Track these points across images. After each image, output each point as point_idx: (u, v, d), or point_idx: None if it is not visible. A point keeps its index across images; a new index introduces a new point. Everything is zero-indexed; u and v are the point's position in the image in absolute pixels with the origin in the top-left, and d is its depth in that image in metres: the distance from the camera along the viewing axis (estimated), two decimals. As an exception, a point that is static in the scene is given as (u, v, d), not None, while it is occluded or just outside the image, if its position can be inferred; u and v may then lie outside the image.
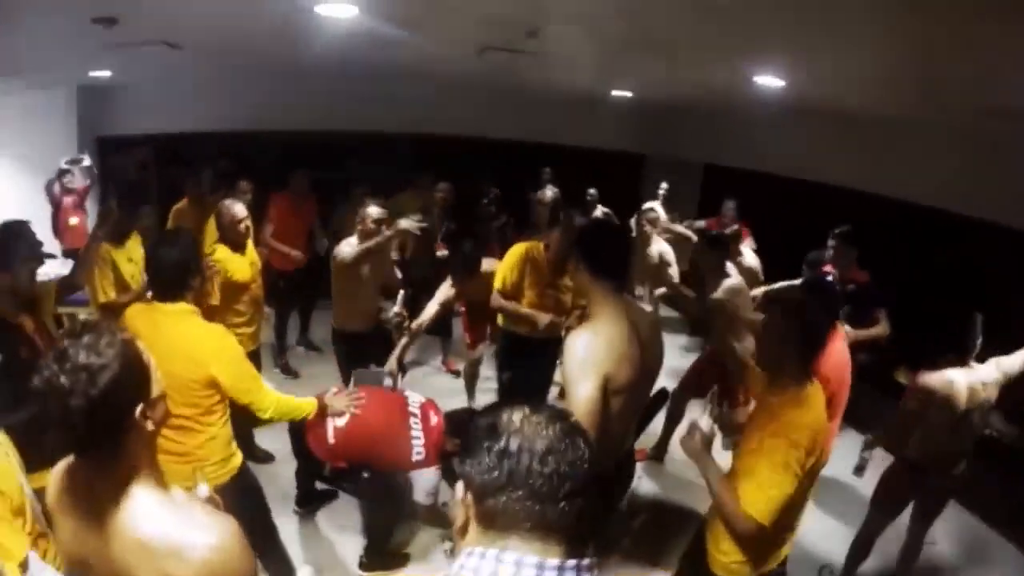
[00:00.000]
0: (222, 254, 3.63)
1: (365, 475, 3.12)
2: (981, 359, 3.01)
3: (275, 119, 6.72)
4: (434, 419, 3.09)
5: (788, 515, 2.08)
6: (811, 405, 2.08)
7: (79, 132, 6.16)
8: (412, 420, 3.06)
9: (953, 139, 4.54)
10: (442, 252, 5.38)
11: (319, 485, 3.70)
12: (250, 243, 3.86)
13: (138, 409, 1.22)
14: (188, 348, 2.37)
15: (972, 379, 2.93)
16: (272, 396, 2.60)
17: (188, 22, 3.16)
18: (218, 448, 2.51)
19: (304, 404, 2.75)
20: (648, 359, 2.19)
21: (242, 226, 3.70)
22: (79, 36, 3.33)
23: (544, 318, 3.78)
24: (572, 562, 0.90)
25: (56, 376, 1.14)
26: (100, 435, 1.19)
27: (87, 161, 5.80)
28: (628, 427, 2.36)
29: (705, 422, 2.20)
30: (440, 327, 5.53)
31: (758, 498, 1.98)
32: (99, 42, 3.40)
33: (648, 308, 4.46)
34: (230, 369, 2.44)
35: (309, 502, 3.73)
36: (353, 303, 4.06)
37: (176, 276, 2.42)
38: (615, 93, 6.34)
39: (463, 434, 1.01)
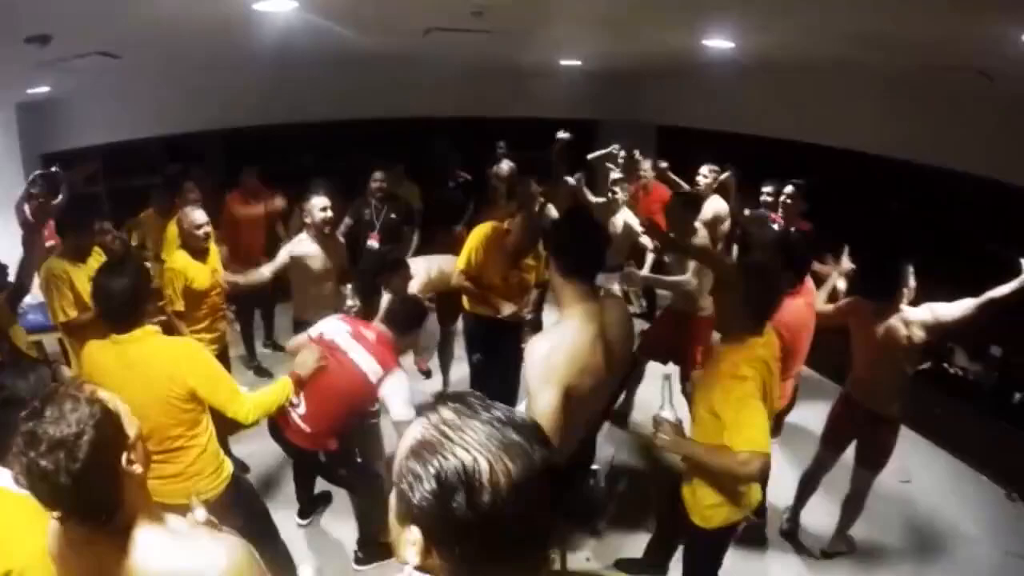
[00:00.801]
0: (182, 261, 3.63)
1: (359, 460, 3.15)
2: (918, 303, 3.11)
3: (222, 117, 6.61)
4: (370, 334, 2.98)
5: (758, 436, 2.11)
6: (752, 346, 2.22)
7: (22, 151, 5.96)
8: (350, 352, 2.92)
9: (898, 88, 4.63)
10: (372, 243, 5.19)
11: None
12: (213, 248, 3.83)
13: (123, 459, 1.23)
14: (162, 368, 2.34)
15: (895, 320, 3.06)
16: (249, 399, 2.57)
17: (124, 31, 3.09)
18: (209, 460, 2.51)
19: (279, 389, 2.72)
20: (614, 361, 2.15)
21: (201, 232, 3.68)
22: (13, 56, 3.25)
23: (507, 308, 3.81)
24: None
25: (35, 462, 1.13)
26: (95, 500, 1.20)
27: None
28: (588, 419, 2.38)
29: (667, 413, 2.28)
30: None
31: (746, 436, 2.06)
32: (34, 60, 3.32)
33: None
34: (206, 380, 2.42)
35: (312, 511, 3.74)
36: (312, 294, 4.06)
37: (129, 308, 2.35)
38: (564, 63, 6.31)
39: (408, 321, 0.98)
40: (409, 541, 0.83)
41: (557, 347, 1.97)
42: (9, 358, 2.99)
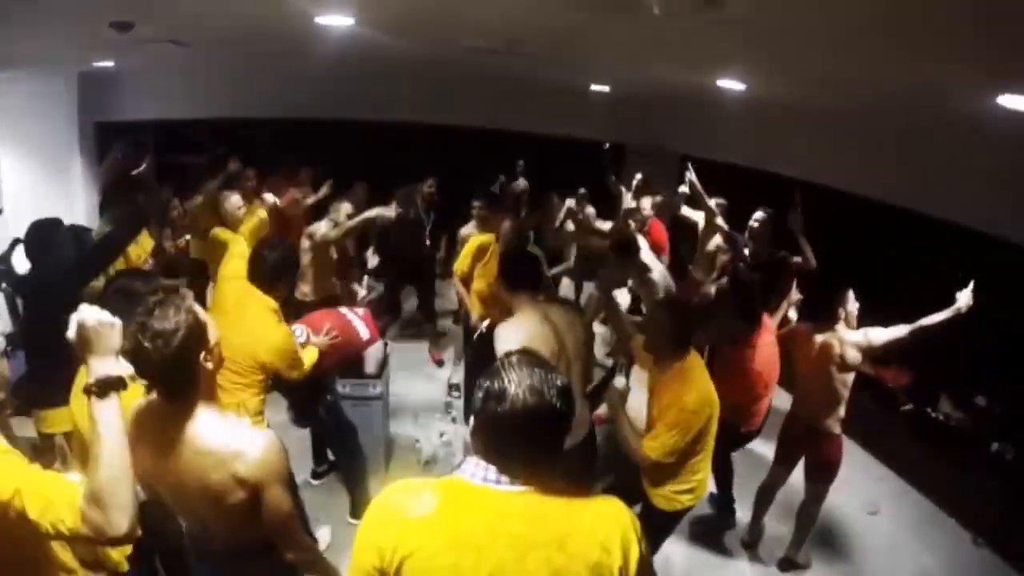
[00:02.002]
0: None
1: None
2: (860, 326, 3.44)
3: (270, 107, 6.96)
4: (360, 311, 3.77)
5: (686, 460, 2.72)
6: (692, 378, 2.69)
7: (79, 119, 6.31)
8: (350, 317, 3.64)
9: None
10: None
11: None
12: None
13: (201, 356, 1.64)
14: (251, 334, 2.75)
15: (829, 336, 3.39)
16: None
17: (197, 24, 3.38)
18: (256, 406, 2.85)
19: (310, 353, 3.15)
20: (567, 344, 2.84)
21: (240, 212, 4.10)
22: (92, 36, 3.55)
23: (473, 314, 4.42)
24: (506, 478, 1.29)
25: (141, 344, 1.53)
26: (177, 379, 1.62)
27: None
28: None
29: (620, 382, 2.98)
30: (425, 316, 5.90)
31: (653, 445, 2.66)
32: (109, 40, 3.61)
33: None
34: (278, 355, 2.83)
35: (324, 470, 4.11)
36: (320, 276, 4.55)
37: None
38: (593, 88, 6.58)
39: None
40: (471, 427, 1.35)
41: (518, 326, 2.76)
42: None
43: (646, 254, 4.45)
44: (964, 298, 3.18)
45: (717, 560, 3.84)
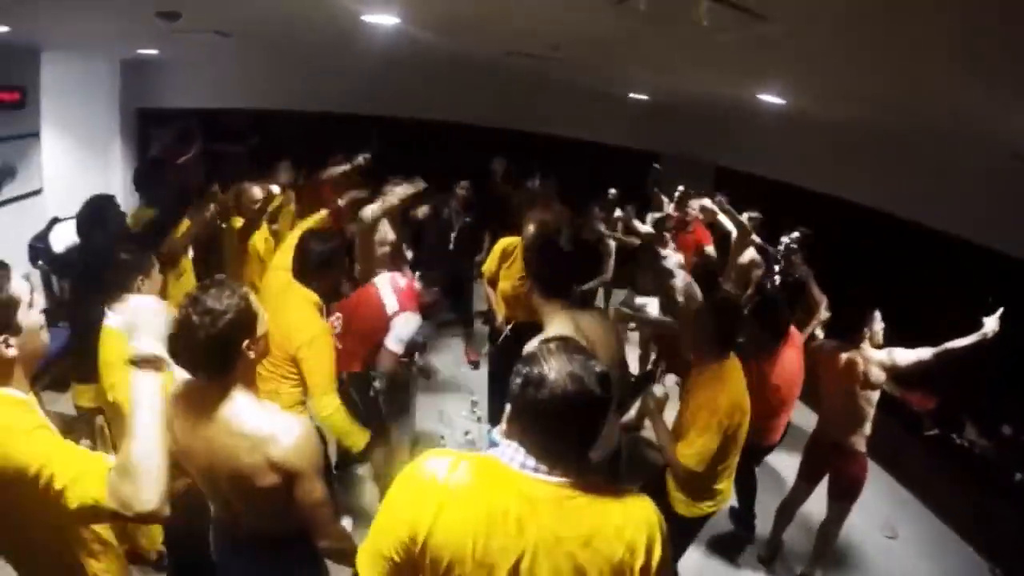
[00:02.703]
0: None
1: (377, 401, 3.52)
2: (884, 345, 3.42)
3: (316, 100, 7.08)
4: (402, 281, 3.49)
5: (713, 467, 2.68)
6: (728, 381, 2.66)
7: (121, 104, 6.45)
8: (382, 292, 3.41)
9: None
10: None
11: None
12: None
13: (245, 343, 1.66)
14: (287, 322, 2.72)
15: (854, 355, 3.38)
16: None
17: (244, 16, 3.44)
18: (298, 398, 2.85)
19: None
20: (601, 357, 2.40)
21: (257, 206, 4.17)
22: (138, 24, 3.63)
23: (498, 317, 4.38)
24: (545, 467, 1.30)
25: (189, 316, 1.57)
26: (215, 358, 1.64)
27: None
28: None
29: (659, 390, 2.82)
30: (463, 319, 5.92)
31: (688, 453, 2.61)
32: (155, 28, 3.68)
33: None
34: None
35: (346, 464, 4.04)
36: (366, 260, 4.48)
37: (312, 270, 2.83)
38: (632, 96, 6.57)
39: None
40: (505, 414, 1.36)
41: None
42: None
43: (672, 262, 4.45)
44: (991, 323, 3.18)
45: (733, 574, 3.82)
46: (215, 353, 1.63)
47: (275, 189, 4.39)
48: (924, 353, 3.26)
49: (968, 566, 4.18)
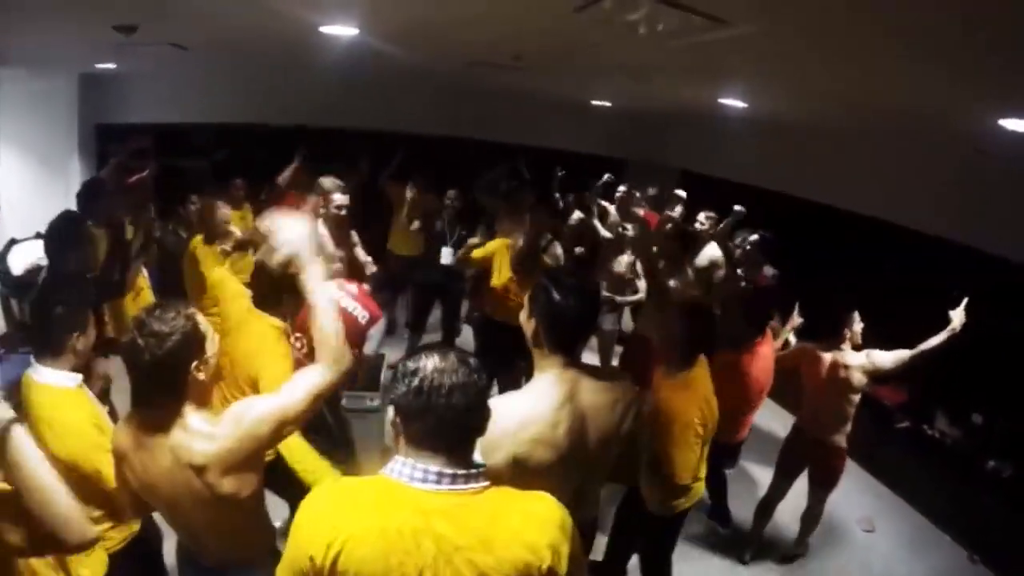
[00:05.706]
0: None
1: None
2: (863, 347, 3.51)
3: (270, 113, 6.95)
4: (353, 287, 3.44)
5: (686, 468, 2.68)
6: (696, 388, 2.68)
7: (79, 120, 6.30)
8: (345, 301, 3.29)
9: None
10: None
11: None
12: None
13: (193, 364, 1.62)
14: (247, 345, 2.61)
15: (837, 358, 3.46)
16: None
17: (200, 28, 3.36)
18: None
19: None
20: (587, 442, 1.92)
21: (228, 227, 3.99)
22: (94, 37, 3.54)
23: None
24: (452, 471, 1.29)
25: (135, 340, 1.55)
26: (162, 383, 1.60)
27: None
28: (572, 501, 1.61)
29: None
30: (448, 328, 5.87)
31: (669, 473, 2.65)
32: (112, 41, 3.60)
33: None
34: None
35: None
36: None
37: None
38: (595, 103, 6.59)
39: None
40: (388, 420, 1.35)
41: (511, 412, 1.80)
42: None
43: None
44: (958, 317, 3.27)
45: (715, 571, 3.84)
46: (163, 376, 1.59)
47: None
48: (903, 355, 3.35)
49: (946, 555, 4.26)
